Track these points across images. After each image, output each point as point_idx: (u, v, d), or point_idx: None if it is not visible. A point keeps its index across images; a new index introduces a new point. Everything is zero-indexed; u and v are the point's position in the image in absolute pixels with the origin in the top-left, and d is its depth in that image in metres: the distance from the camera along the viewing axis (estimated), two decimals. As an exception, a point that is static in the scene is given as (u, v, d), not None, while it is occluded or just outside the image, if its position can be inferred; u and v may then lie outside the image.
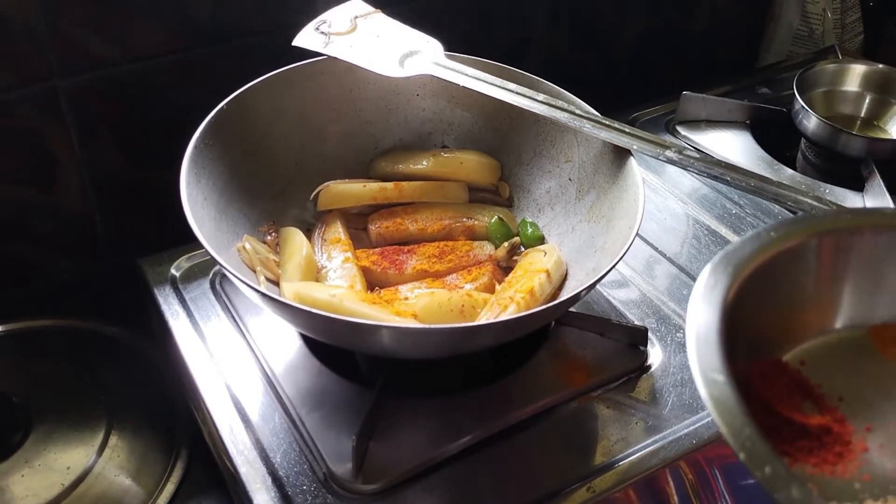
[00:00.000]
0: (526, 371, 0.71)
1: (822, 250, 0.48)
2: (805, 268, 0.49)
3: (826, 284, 0.50)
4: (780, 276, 0.47)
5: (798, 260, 0.48)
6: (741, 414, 0.37)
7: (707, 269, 0.45)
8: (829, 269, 0.49)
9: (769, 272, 0.46)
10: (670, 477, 0.65)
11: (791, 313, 0.49)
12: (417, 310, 0.65)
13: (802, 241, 0.48)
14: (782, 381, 0.47)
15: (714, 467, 0.67)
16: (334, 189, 0.76)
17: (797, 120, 0.98)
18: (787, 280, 0.48)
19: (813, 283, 0.50)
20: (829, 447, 0.43)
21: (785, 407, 0.44)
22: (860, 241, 0.49)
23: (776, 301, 0.48)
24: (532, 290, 0.66)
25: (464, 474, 0.63)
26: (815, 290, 0.50)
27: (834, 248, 0.49)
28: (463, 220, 0.77)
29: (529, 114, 0.74)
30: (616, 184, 0.71)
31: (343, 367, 0.70)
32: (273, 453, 0.64)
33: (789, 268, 0.48)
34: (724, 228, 0.88)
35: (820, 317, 0.50)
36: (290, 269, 0.69)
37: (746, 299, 0.45)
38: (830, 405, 0.46)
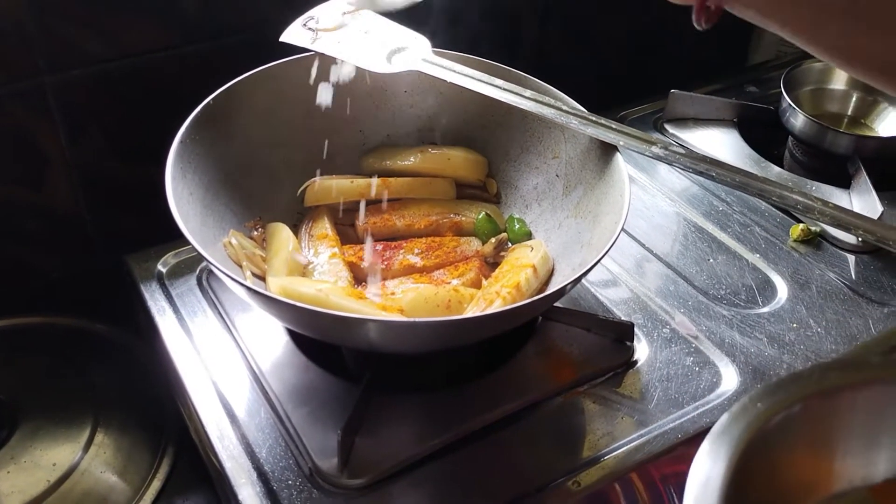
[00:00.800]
0: (512, 367, 0.71)
1: (808, 416, 0.48)
2: (795, 436, 0.48)
3: (819, 449, 0.49)
4: (773, 449, 0.47)
5: (787, 429, 0.48)
6: None
7: (700, 456, 0.44)
8: (820, 434, 0.49)
9: (761, 447, 0.46)
10: (655, 479, 0.66)
11: (789, 484, 0.49)
12: (404, 304, 0.65)
13: (788, 409, 0.47)
14: None
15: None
16: (321, 185, 0.76)
17: (784, 118, 0.98)
18: (780, 451, 0.48)
19: (806, 450, 0.49)
20: None
21: None
22: (847, 400, 0.49)
23: (773, 475, 0.48)
24: (518, 284, 0.66)
25: (450, 469, 0.63)
26: (810, 457, 0.49)
27: (821, 412, 0.48)
28: (450, 216, 0.77)
29: (517, 110, 0.75)
30: (603, 180, 0.71)
31: (330, 363, 0.70)
32: (259, 448, 0.64)
33: (781, 439, 0.48)
34: (711, 225, 0.88)
35: (820, 483, 0.50)
36: (276, 265, 0.69)
37: (743, 481, 0.45)
38: None
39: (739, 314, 0.77)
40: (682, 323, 0.76)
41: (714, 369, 0.72)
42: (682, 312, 0.77)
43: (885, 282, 0.82)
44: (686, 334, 0.75)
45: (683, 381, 0.71)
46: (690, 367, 0.72)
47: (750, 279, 0.82)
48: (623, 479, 0.64)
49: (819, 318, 0.77)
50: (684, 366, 0.72)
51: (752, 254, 0.85)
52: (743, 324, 0.76)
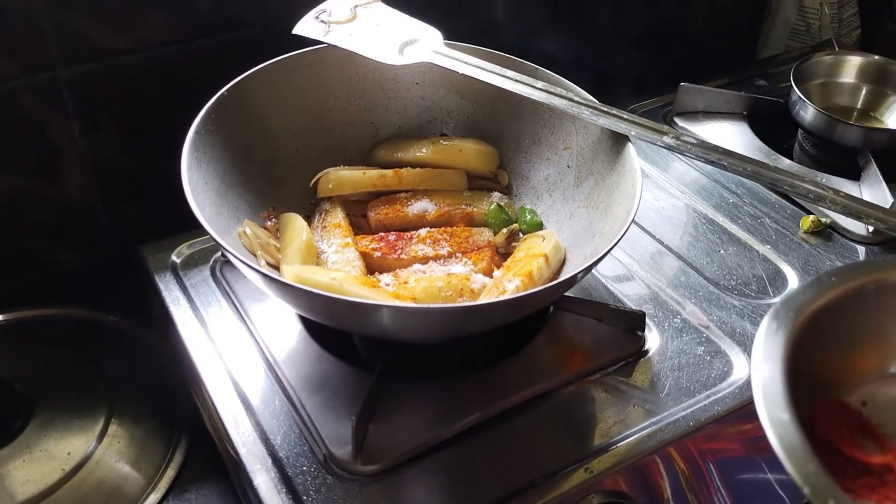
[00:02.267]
0: (524, 355, 0.71)
1: (880, 294, 0.49)
2: (864, 312, 0.49)
3: (885, 328, 0.50)
4: (841, 319, 0.49)
5: (857, 304, 0.49)
6: (805, 450, 0.38)
7: (770, 314, 0.46)
8: (888, 313, 0.50)
9: (830, 316, 0.48)
10: (663, 468, 0.66)
11: (852, 356, 0.50)
12: (417, 293, 0.66)
13: (861, 285, 0.49)
14: (844, 422, 0.48)
15: (708, 461, 0.68)
16: (334, 176, 0.77)
17: (794, 111, 0.98)
18: (847, 324, 0.49)
19: (872, 327, 0.50)
20: (890, 485, 0.44)
21: (847, 446, 0.46)
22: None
23: (837, 344, 0.49)
24: (531, 273, 0.67)
25: (462, 456, 0.64)
26: (874, 334, 0.51)
27: (892, 292, 0.49)
28: (462, 206, 0.78)
29: (528, 101, 0.75)
30: (614, 170, 0.71)
31: (343, 352, 0.70)
32: (273, 436, 0.64)
33: (849, 312, 0.49)
34: (722, 217, 0.89)
35: (881, 360, 0.51)
36: (290, 253, 0.69)
37: (808, 342, 0.46)
38: (892, 445, 0.47)
39: (750, 304, 0.78)
40: (693, 313, 0.76)
41: (725, 358, 0.72)
42: (692, 303, 0.78)
43: (896, 273, 0.82)
44: (697, 324, 0.75)
45: (694, 370, 0.71)
46: (701, 356, 0.72)
47: (760, 270, 0.82)
48: (633, 468, 0.64)
49: (830, 309, 0.77)
50: (695, 355, 0.72)
51: (762, 245, 0.85)
52: (754, 314, 0.76)
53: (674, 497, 0.66)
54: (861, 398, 0.48)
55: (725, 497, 0.69)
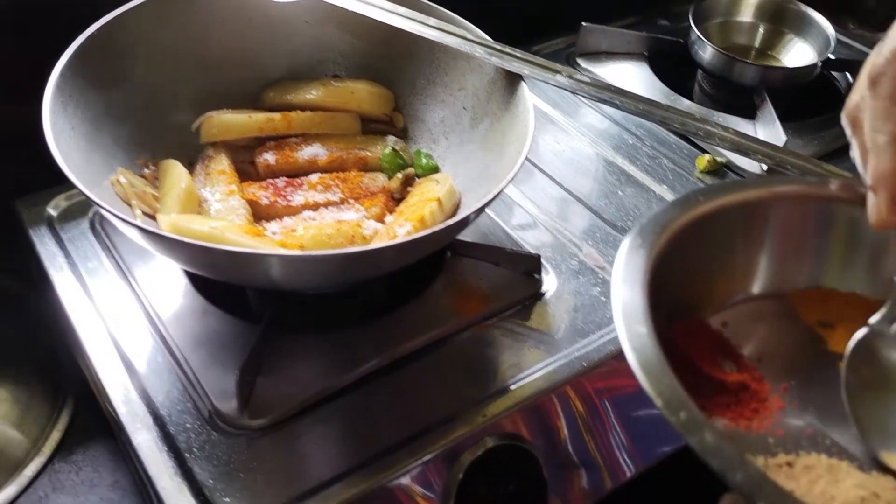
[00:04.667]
0: (421, 302, 0.70)
1: (746, 216, 0.49)
2: (727, 233, 0.49)
3: (748, 251, 0.50)
4: (704, 240, 0.48)
5: (721, 225, 0.48)
6: (660, 363, 0.37)
7: (632, 231, 0.45)
8: (751, 236, 0.50)
9: (693, 236, 0.47)
10: (560, 409, 0.66)
11: (714, 277, 0.50)
12: (305, 241, 0.64)
13: (725, 206, 0.48)
14: (704, 340, 0.48)
15: (604, 399, 0.68)
16: (217, 120, 0.73)
17: (693, 50, 0.98)
18: (710, 244, 0.49)
19: (736, 248, 0.50)
20: (745, 403, 0.45)
21: (705, 364, 0.46)
22: (781, 210, 0.49)
23: (700, 264, 0.49)
24: (422, 217, 0.65)
25: (357, 405, 0.63)
26: (738, 256, 0.50)
27: (755, 216, 0.49)
28: (355, 151, 0.75)
29: (422, 41, 0.72)
30: (508, 111, 0.70)
31: (231, 305, 0.67)
32: (155, 394, 0.62)
33: (712, 232, 0.49)
34: (621, 159, 0.89)
35: (742, 282, 0.51)
36: (168, 202, 0.65)
37: (671, 261, 0.46)
38: (749, 364, 0.47)
39: (646, 244, 0.78)
40: (590, 255, 0.76)
41: (620, 299, 0.72)
42: (590, 244, 0.77)
43: (788, 210, 0.84)
44: (593, 265, 0.75)
45: (590, 310, 0.71)
46: (597, 297, 0.72)
47: (656, 210, 0.82)
48: (526, 409, 0.64)
49: (723, 247, 0.78)
50: (591, 296, 0.72)
51: (659, 185, 0.85)
52: (649, 254, 0.77)
53: (570, 437, 0.67)
54: (722, 319, 0.49)
55: (621, 434, 0.69)
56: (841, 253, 0.49)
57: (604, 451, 0.68)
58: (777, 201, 0.48)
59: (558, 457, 0.66)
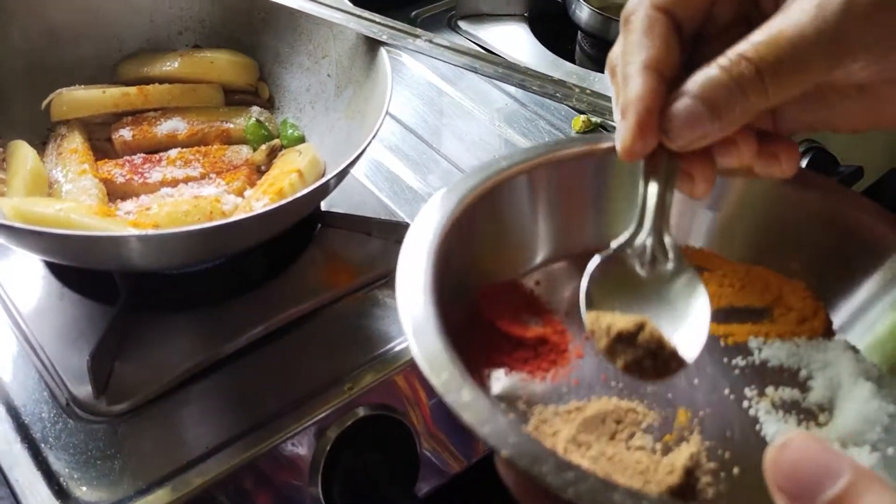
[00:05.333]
0: (290, 276, 0.69)
1: (529, 182, 0.48)
2: (514, 201, 0.48)
3: (535, 215, 0.50)
4: (497, 207, 0.47)
5: (519, 188, 0.48)
6: (433, 331, 0.37)
7: (435, 197, 0.44)
8: (535, 200, 0.49)
9: (493, 200, 0.46)
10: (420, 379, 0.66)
11: (511, 244, 0.49)
12: (160, 219, 0.62)
13: (535, 164, 0.48)
14: (511, 301, 0.48)
15: None
16: (68, 96, 0.70)
17: (571, 10, 0.98)
18: (501, 212, 0.48)
19: (523, 214, 0.49)
20: (543, 356, 0.45)
21: (505, 324, 0.46)
22: (562, 170, 0.49)
23: (496, 231, 0.48)
24: (281, 190, 0.64)
25: (221, 384, 0.61)
26: (526, 221, 0.50)
27: (538, 179, 0.48)
28: (217, 123, 0.73)
29: (284, 8, 0.70)
30: (370, 77, 0.69)
31: (89, 288, 0.65)
32: (9, 383, 0.60)
33: (512, 196, 0.48)
34: (499, 122, 0.88)
35: (538, 246, 0.50)
36: (15, 185, 0.63)
37: (473, 225, 0.45)
38: (554, 320, 0.47)
39: (519, 207, 0.78)
40: (464, 220, 0.76)
41: (491, 263, 0.72)
42: (464, 210, 0.77)
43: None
44: (467, 231, 0.75)
45: (461, 276, 0.71)
46: (469, 262, 0.72)
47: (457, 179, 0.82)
48: (394, 378, 0.64)
49: (596, 206, 0.79)
50: (463, 261, 0.72)
51: (535, 148, 0.85)
52: (523, 216, 0.77)
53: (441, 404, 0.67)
54: (535, 279, 0.49)
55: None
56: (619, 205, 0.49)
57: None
58: (557, 162, 0.49)
59: (430, 425, 0.66)
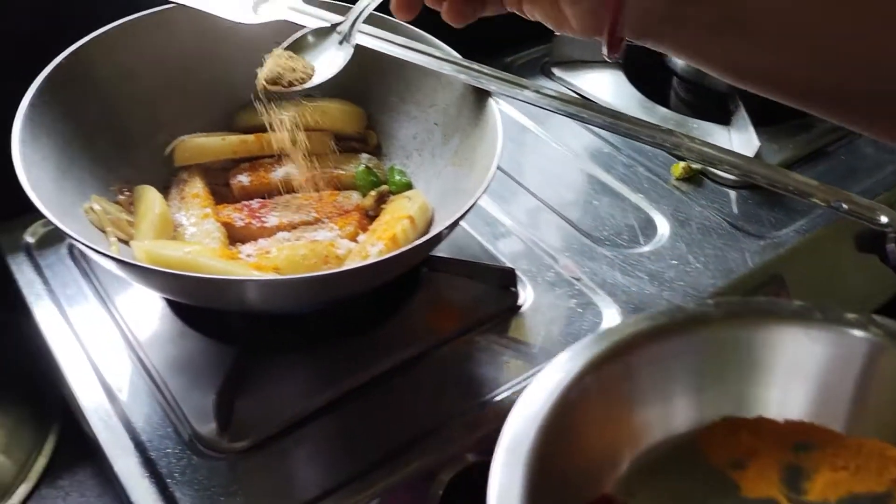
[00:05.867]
0: (398, 319, 0.71)
1: (604, 378, 0.46)
2: (594, 399, 0.47)
3: (618, 408, 0.48)
4: (576, 414, 0.46)
5: (586, 395, 0.46)
6: None
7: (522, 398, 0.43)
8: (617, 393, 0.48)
9: (566, 414, 0.45)
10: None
11: (598, 446, 0.47)
12: (279, 263, 0.64)
13: (586, 375, 0.46)
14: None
15: None
16: (190, 143, 0.73)
17: (667, 57, 0.99)
18: (583, 415, 0.46)
19: (607, 411, 0.48)
20: None
21: None
22: (637, 357, 0.47)
23: (578, 440, 0.46)
24: (394, 236, 0.66)
25: (337, 424, 0.63)
26: (611, 417, 0.48)
27: (614, 372, 0.47)
28: (329, 170, 0.75)
29: (392, 59, 0.72)
30: (478, 126, 0.70)
31: (209, 327, 0.68)
32: (136, 419, 0.62)
33: (581, 405, 0.46)
34: (597, 168, 0.89)
35: (632, 438, 0.48)
36: (143, 228, 0.66)
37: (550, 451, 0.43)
38: None
39: (622, 254, 0.79)
40: (566, 266, 0.77)
41: (596, 310, 0.73)
42: (566, 256, 0.78)
43: (763, 215, 0.84)
44: (569, 277, 0.76)
45: (567, 322, 0.71)
46: (573, 308, 0.73)
47: (633, 219, 0.83)
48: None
49: (698, 254, 0.79)
50: (567, 308, 0.73)
51: (635, 194, 0.86)
52: (625, 263, 0.77)
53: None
54: (627, 488, 0.46)
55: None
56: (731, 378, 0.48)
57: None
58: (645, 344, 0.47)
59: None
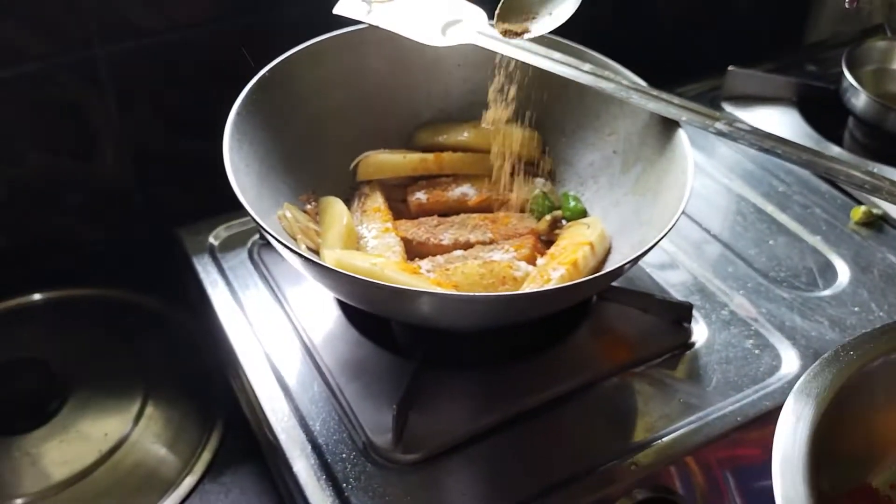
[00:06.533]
0: (567, 346, 0.70)
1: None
2: (888, 386, 0.46)
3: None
4: (864, 398, 0.46)
5: (881, 378, 0.45)
6: None
7: (790, 398, 0.43)
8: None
9: (851, 395, 0.45)
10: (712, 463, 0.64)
11: (877, 435, 0.47)
12: (458, 280, 0.65)
13: (884, 357, 0.45)
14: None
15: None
16: (374, 159, 0.76)
17: (845, 97, 0.95)
18: (870, 402, 0.46)
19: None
20: None
21: None
22: None
23: (861, 424, 0.46)
24: (576, 262, 0.65)
25: (503, 447, 0.63)
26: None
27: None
28: (505, 192, 0.76)
29: (573, 85, 0.73)
30: (664, 156, 0.69)
31: (381, 338, 0.69)
32: (312, 422, 0.64)
33: (872, 388, 0.46)
34: (771, 206, 0.86)
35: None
36: (330, 238, 0.68)
37: (831, 425, 0.44)
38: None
39: (800, 297, 0.75)
40: (742, 305, 0.74)
41: (774, 352, 0.70)
42: (741, 294, 0.75)
43: (952, 266, 0.79)
44: (745, 317, 0.73)
45: (742, 363, 0.69)
46: (749, 349, 0.70)
47: (811, 261, 0.79)
48: (679, 462, 0.62)
49: (881, 302, 0.75)
50: (743, 348, 0.70)
51: (812, 236, 0.82)
52: (804, 307, 0.74)
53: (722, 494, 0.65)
54: (890, 481, 0.45)
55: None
56: None
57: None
58: None
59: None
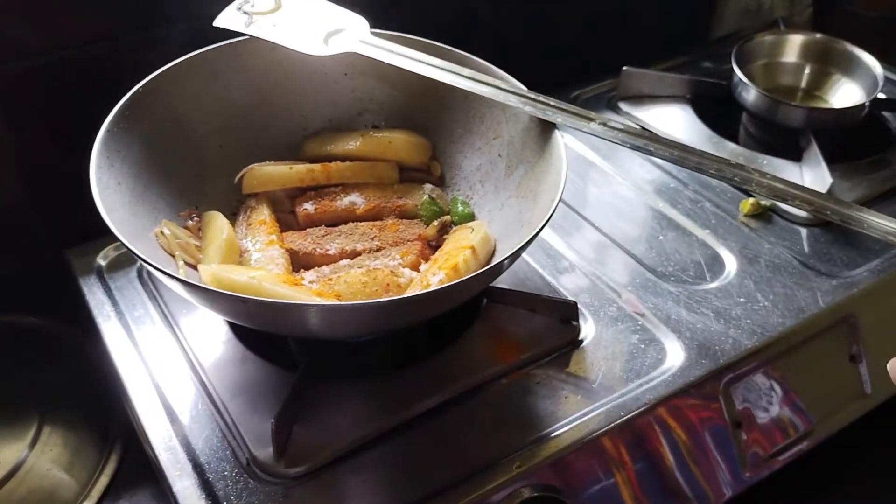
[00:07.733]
0: (457, 350, 0.70)
1: None
2: None
3: None
4: None
5: None
6: None
7: None
8: None
9: None
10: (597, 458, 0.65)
11: None
12: (341, 290, 0.64)
13: None
14: None
15: (645, 449, 0.67)
16: (258, 172, 0.75)
17: (736, 93, 0.97)
18: None
19: None
20: None
21: None
22: None
23: None
24: (456, 266, 0.65)
25: (393, 453, 0.63)
26: None
27: None
28: (393, 199, 0.76)
29: (459, 91, 0.73)
30: (542, 158, 0.70)
31: (270, 353, 0.69)
32: (195, 441, 0.63)
33: None
34: (662, 203, 0.88)
35: None
36: (210, 253, 0.67)
37: None
38: None
39: (687, 290, 0.77)
40: (629, 301, 0.75)
41: (659, 346, 0.71)
42: (629, 290, 0.77)
43: (835, 254, 0.82)
44: (632, 312, 0.74)
45: (629, 358, 0.70)
46: (636, 344, 0.71)
47: (699, 255, 0.81)
48: (562, 460, 0.63)
49: (767, 292, 0.77)
50: (630, 343, 0.71)
51: (702, 230, 0.84)
52: (690, 300, 0.76)
53: (608, 488, 0.65)
54: None
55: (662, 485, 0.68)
56: None
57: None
58: None
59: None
